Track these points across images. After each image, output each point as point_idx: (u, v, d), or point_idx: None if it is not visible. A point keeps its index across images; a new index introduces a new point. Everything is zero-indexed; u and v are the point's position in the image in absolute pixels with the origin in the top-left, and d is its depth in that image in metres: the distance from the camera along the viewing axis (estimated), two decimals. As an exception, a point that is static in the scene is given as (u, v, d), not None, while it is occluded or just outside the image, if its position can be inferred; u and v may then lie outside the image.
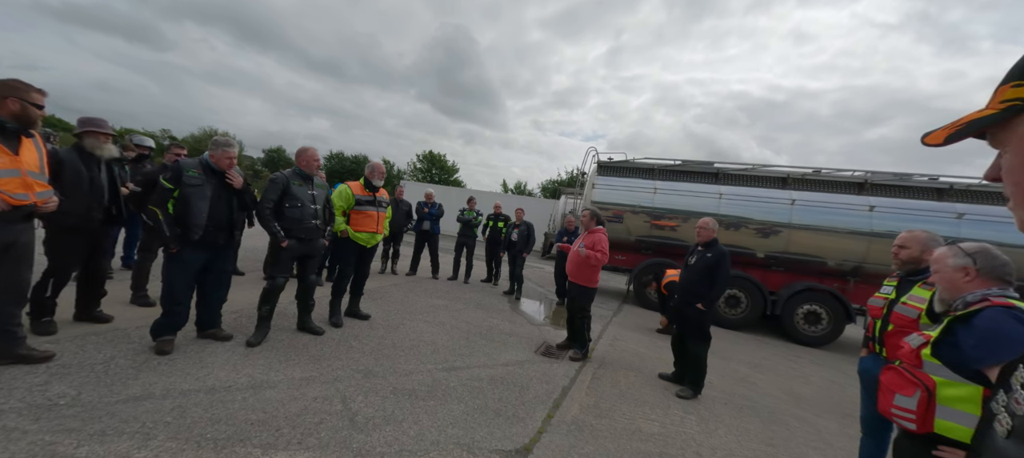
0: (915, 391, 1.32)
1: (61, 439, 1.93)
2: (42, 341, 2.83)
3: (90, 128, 3.16)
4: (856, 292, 7.10)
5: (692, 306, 3.76)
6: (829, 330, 6.96)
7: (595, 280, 4.28)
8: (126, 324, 3.39)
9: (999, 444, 0.41)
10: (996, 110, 0.44)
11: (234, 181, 3.16)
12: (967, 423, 1.23)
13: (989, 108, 0.46)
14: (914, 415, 1.31)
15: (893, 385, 1.42)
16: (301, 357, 3.26)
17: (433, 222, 7.63)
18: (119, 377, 2.56)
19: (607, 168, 8.90)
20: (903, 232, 2.40)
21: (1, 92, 2.29)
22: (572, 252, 4.33)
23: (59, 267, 3.09)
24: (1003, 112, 0.43)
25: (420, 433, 2.42)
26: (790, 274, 7.51)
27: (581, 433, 2.73)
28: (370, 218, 4.23)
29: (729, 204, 7.69)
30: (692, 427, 3.11)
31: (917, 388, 1.32)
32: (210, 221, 3.06)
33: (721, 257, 3.71)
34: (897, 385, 1.40)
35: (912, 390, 1.33)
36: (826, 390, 4.68)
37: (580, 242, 4.30)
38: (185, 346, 3.11)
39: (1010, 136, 0.44)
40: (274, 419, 2.33)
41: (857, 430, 2.53)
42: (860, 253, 7.04)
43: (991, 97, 0.46)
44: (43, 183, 2.50)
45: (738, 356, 5.53)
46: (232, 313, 3.84)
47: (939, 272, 1.48)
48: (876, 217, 6.95)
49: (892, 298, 2.29)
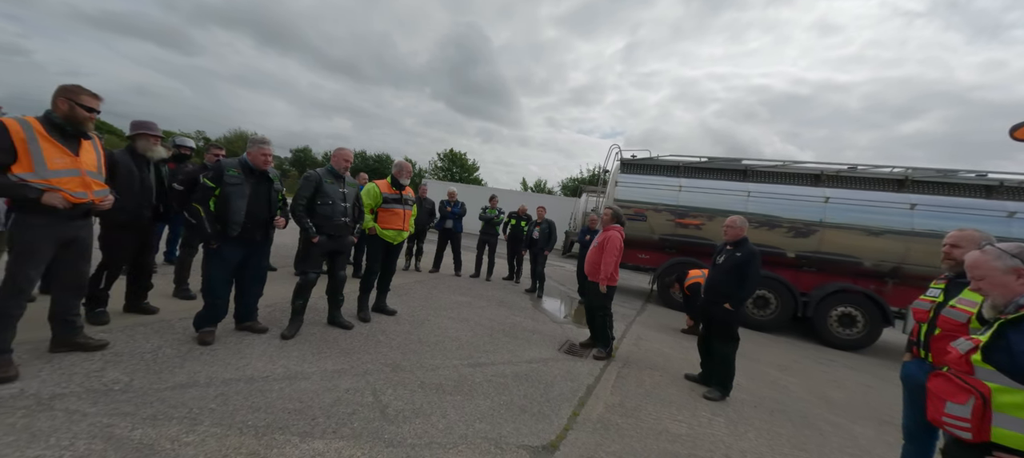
0: (968, 399, 1.26)
1: (117, 422, 2.07)
2: (97, 330, 3.02)
3: (142, 131, 3.35)
4: (894, 294, 6.78)
5: (719, 306, 3.69)
6: (865, 333, 6.67)
7: (604, 278, 4.14)
8: (170, 316, 3.58)
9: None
10: None
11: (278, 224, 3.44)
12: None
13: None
14: (969, 424, 1.25)
15: (943, 392, 1.36)
16: (332, 350, 3.36)
17: (456, 220, 7.72)
18: (166, 365, 2.71)
19: (630, 166, 8.79)
20: (953, 231, 2.28)
21: (56, 94, 2.45)
22: (590, 251, 4.31)
23: (112, 261, 3.30)
24: None
25: (448, 426, 2.46)
26: (823, 275, 7.24)
27: (607, 431, 2.73)
28: (397, 216, 4.32)
29: (758, 202, 7.47)
30: (720, 429, 3.05)
31: (970, 395, 1.26)
32: (248, 218, 3.19)
33: (751, 256, 3.61)
34: (948, 392, 1.34)
35: (965, 397, 1.27)
36: (861, 395, 4.50)
37: (596, 239, 4.32)
38: (225, 337, 3.27)
39: None
40: (310, 409, 2.43)
41: (895, 437, 2.43)
42: (899, 253, 6.71)
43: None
44: (100, 182, 2.67)
45: (767, 358, 5.38)
46: (266, 307, 4.00)
47: (986, 277, 1.41)
48: (918, 216, 6.62)
49: (940, 301, 2.18)
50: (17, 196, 2.28)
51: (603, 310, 4.26)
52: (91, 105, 2.51)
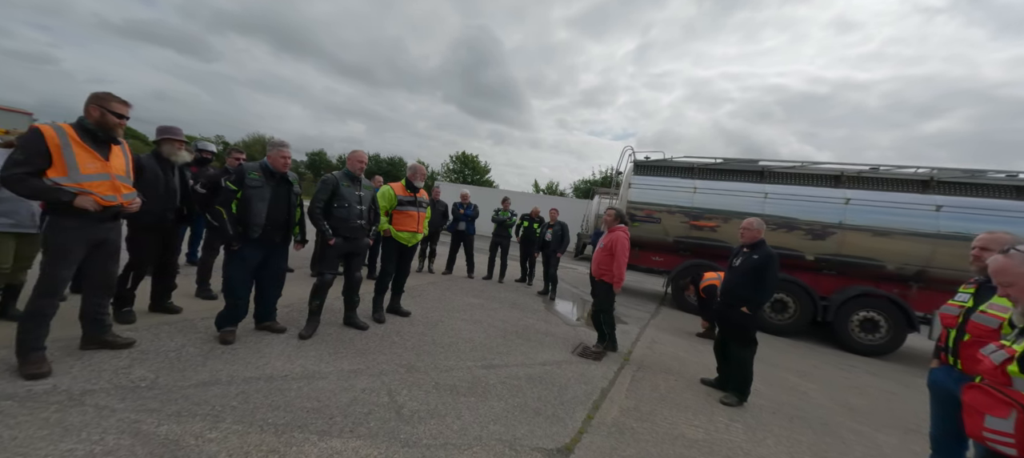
0: (1010, 412, 1.20)
1: (144, 418, 2.13)
2: (124, 329, 3.12)
3: (167, 136, 3.46)
4: (919, 298, 6.57)
5: (736, 309, 3.63)
6: (888, 339, 6.47)
7: (612, 277, 4.27)
8: (193, 316, 3.68)
9: None
10: None
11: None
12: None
13: None
14: (1013, 439, 1.19)
15: (981, 405, 1.29)
16: (348, 350, 3.41)
17: (468, 222, 7.76)
18: (190, 364, 2.78)
19: (644, 167, 8.71)
20: (983, 233, 2.21)
21: (88, 101, 2.55)
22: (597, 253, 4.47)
23: (138, 262, 3.41)
24: None
25: (463, 428, 2.48)
26: (843, 278, 7.06)
27: (622, 436, 2.70)
28: (411, 218, 4.37)
29: (775, 204, 7.33)
30: (738, 435, 3.00)
31: (1012, 409, 1.20)
32: (268, 221, 3.27)
33: (768, 259, 3.54)
34: (987, 405, 1.27)
35: (1007, 411, 1.21)
36: (884, 402, 4.37)
37: (602, 240, 4.47)
38: (245, 337, 3.34)
39: None
40: (327, 408, 2.47)
41: (921, 446, 2.36)
42: (924, 256, 6.51)
43: None
44: (128, 186, 2.76)
45: (786, 363, 5.27)
46: (284, 307, 4.07)
47: (1015, 284, 1.33)
48: (944, 217, 6.41)
49: (969, 306, 2.11)
50: (51, 199, 2.38)
51: (607, 312, 4.40)
52: (121, 111, 2.60)
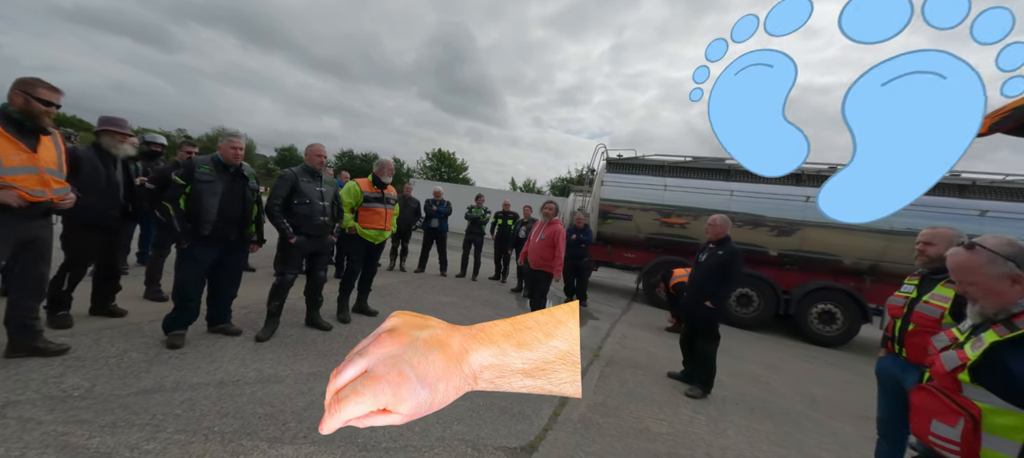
0: (958, 420, 1.18)
1: (73, 430, 1.97)
2: (58, 334, 2.89)
3: (108, 127, 3.22)
4: (872, 291, 6.91)
5: (701, 304, 3.70)
6: (844, 330, 6.79)
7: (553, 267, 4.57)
8: (140, 319, 3.45)
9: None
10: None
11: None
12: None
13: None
14: (958, 448, 1.17)
15: (929, 410, 1.27)
16: (309, 352, 3.28)
17: (441, 220, 7.65)
18: (132, 370, 2.60)
19: (616, 165, 8.81)
20: (926, 229, 2.31)
21: (12, 87, 2.33)
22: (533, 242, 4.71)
23: (75, 262, 3.16)
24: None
25: (425, 429, 2.41)
26: (805, 273, 7.35)
27: (588, 431, 2.70)
28: (378, 215, 4.24)
29: (741, 201, 7.55)
30: (701, 427, 3.06)
31: (960, 417, 1.17)
32: (221, 217, 3.09)
33: (733, 255, 3.63)
34: (934, 410, 1.25)
35: (954, 419, 1.19)
36: (841, 391, 4.57)
37: (539, 233, 4.66)
38: (196, 341, 3.16)
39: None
40: (281, 413, 2.35)
41: (873, 432, 2.45)
42: (877, 251, 6.85)
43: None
44: (60, 180, 2.55)
45: (751, 356, 5.43)
46: (242, 309, 3.89)
47: (977, 284, 1.27)
48: (895, 214, 6.74)
49: (913, 297, 2.21)
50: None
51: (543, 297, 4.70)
52: (49, 99, 2.40)
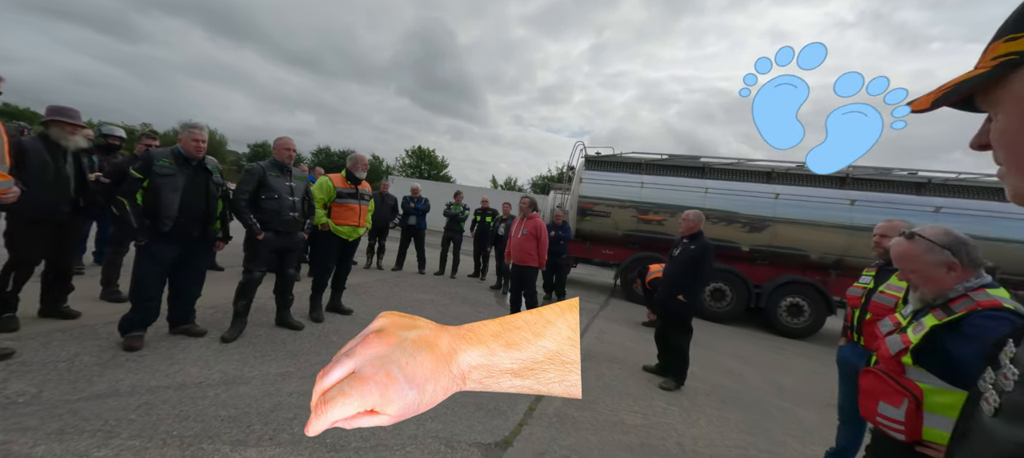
0: (902, 401, 1.23)
1: (16, 438, 1.84)
2: (3, 338, 2.71)
3: (56, 118, 3.02)
4: (837, 284, 7.21)
5: (675, 298, 3.77)
6: (811, 322, 7.07)
7: (536, 261, 4.77)
8: (94, 320, 3.27)
9: (987, 423, 0.39)
10: (987, 68, 0.41)
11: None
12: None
13: (979, 67, 0.43)
14: (903, 426, 1.23)
15: (876, 392, 1.32)
16: (278, 352, 3.18)
17: (419, 217, 7.55)
18: (83, 374, 2.46)
19: (594, 163, 8.90)
20: (882, 222, 2.42)
21: None
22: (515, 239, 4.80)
23: (21, 260, 2.96)
24: (996, 69, 0.40)
25: (397, 427, 2.37)
26: (775, 267, 7.60)
27: (563, 425, 2.71)
28: (352, 211, 4.15)
29: (715, 198, 7.75)
30: (674, 418, 3.12)
31: (904, 397, 1.23)
32: (182, 213, 2.96)
33: (705, 250, 3.71)
34: (881, 392, 1.30)
35: (899, 400, 1.24)
36: (808, 381, 4.75)
37: (522, 227, 4.74)
38: (155, 342, 3.01)
39: (1004, 95, 0.40)
40: (246, 415, 2.26)
41: (835, 417, 2.55)
42: (841, 246, 7.15)
43: (981, 56, 0.43)
44: (3, 173, 2.38)
45: (725, 349, 5.58)
46: (207, 308, 3.74)
47: (917, 271, 1.33)
48: (857, 211, 7.07)
49: (870, 287, 2.30)
50: None
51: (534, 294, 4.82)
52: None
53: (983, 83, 0.42)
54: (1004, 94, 0.40)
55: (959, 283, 1.24)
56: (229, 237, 3.45)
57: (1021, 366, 0.37)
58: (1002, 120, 0.41)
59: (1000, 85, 0.40)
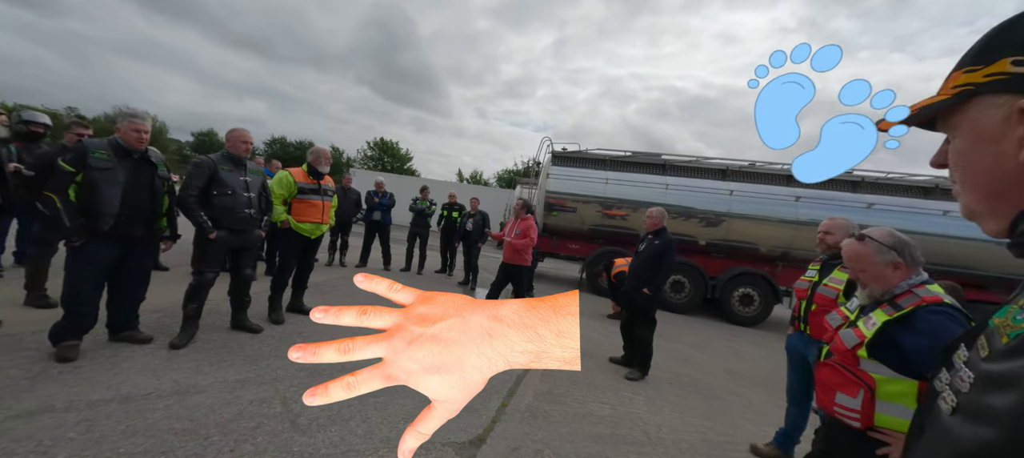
0: (858, 391, 1.33)
1: (-72, 467, 1.64)
2: (-96, 353, 2.39)
3: None
4: (783, 275, 7.76)
5: (640, 291, 3.92)
6: (760, 311, 7.57)
7: (528, 259, 5.07)
8: (19, 328, 2.95)
9: (945, 421, 0.43)
10: (948, 96, 0.46)
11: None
12: (903, 415, 1.27)
13: (941, 94, 0.47)
14: (859, 414, 1.33)
15: (834, 383, 1.41)
16: (235, 358, 3.01)
17: (384, 212, 7.36)
18: (9, 390, 2.21)
19: (561, 158, 9.01)
20: (826, 219, 2.62)
21: None
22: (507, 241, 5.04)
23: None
24: (955, 97, 0.45)
25: (368, 431, 2.32)
26: (729, 260, 8.06)
27: (535, 420, 2.76)
28: (315, 207, 3.97)
29: (675, 194, 8.08)
30: (640, 407, 3.25)
31: (860, 388, 1.33)
32: (125, 210, 2.71)
33: (667, 245, 3.88)
34: (838, 384, 1.40)
35: (855, 390, 1.34)
36: (757, 366, 5.09)
37: (514, 228, 4.90)
38: (94, 351, 2.76)
39: (961, 121, 0.45)
40: (203, 427, 2.13)
41: (783, 400, 2.76)
42: (787, 239, 7.69)
43: (943, 84, 0.48)
44: None
45: (683, 338, 5.87)
46: (153, 312, 3.47)
47: (866, 270, 1.44)
48: (801, 207, 7.62)
49: (816, 280, 2.50)
50: None
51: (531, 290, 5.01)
52: None
53: (944, 109, 0.47)
54: (961, 120, 0.45)
55: (903, 280, 1.37)
56: (177, 235, 3.21)
57: (975, 369, 0.41)
58: (958, 143, 0.46)
59: (958, 111, 0.45)
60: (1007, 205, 0.43)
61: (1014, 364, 0.36)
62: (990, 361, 0.40)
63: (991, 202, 0.45)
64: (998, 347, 0.39)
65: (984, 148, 0.43)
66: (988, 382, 0.39)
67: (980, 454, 0.36)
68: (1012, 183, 0.42)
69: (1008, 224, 0.43)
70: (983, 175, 0.44)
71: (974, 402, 0.40)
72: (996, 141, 0.42)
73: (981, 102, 0.43)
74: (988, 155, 0.43)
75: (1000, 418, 0.35)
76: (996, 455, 0.35)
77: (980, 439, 0.37)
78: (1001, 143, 0.42)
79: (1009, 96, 0.41)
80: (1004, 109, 0.41)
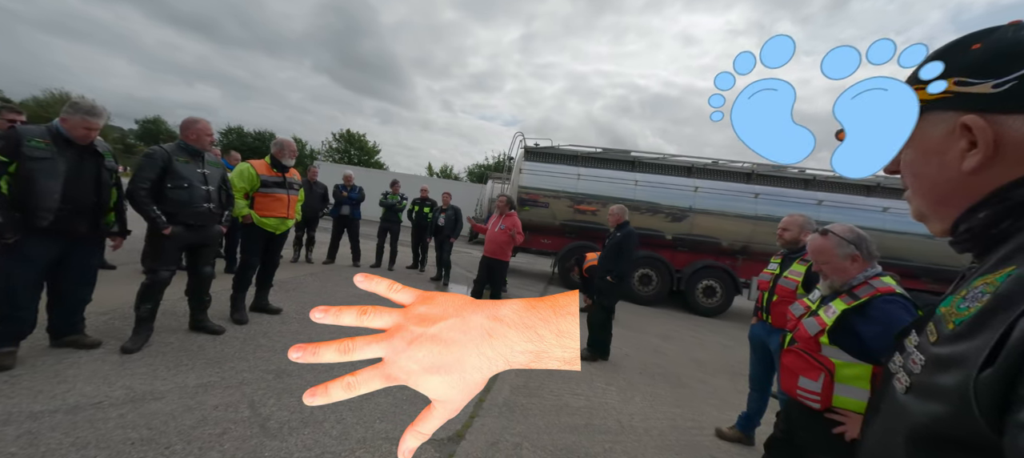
0: (819, 375, 1.44)
1: None
2: None
3: None
4: (743, 268, 8.18)
5: (604, 280, 4.13)
6: (722, 302, 7.96)
7: (509, 254, 5.24)
8: (-60, 336, 2.65)
9: (900, 399, 0.48)
10: None
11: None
12: (858, 396, 1.40)
13: None
14: (819, 397, 1.44)
15: (797, 368, 1.52)
16: (196, 361, 2.84)
17: (353, 206, 7.14)
18: (-69, 404, 2.00)
19: (534, 154, 9.06)
20: (785, 216, 2.78)
21: None
22: (492, 233, 5.05)
23: None
24: None
25: (344, 432, 2.26)
26: (693, 254, 8.40)
27: (512, 414, 2.78)
28: (279, 201, 3.80)
29: (644, 190, 8.32)
30: (613, 397, 3.35)
31: (821, 372, 1.44)
32: (66, 204, 2.49)
33: (627, 236, 4.12)
34: (800, 369, 1.51)
35: (817, 374, 1.45)
36: (720, 354, 5.36)
37: (499, 223, 4.97)
38: (33, 358, 2.53)
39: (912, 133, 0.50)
40: (163, 435, 2.01)
41: (745, 386, 2.92)
42: (747, 234, 8.11)
43: None
44: None
45: (651, 329, 6.08)
46: (100, 315, 3.22)
47: (828, 263, 1.56)
48: (760, 203, 8.04)
49: (777, 273, 2.66)
50: None
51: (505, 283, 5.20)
52: None
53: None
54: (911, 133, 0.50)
55: (860, 272, 1.49)
56: (127, 231, 2.99)
57: (925, 352, 0.46)
58: (908, 153, 0.51)
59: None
60: (951, 209, 0.49)
61: (959, 347, 0.40)
62: (938, 345, 0.44)
63: (937, 206, 0.51)
64: (945, 332, 0.44)
65: (932, 159, 0.49)
66: (937, 364, 0.43)
67: (932, 427, 0.41)
68: (955, 191, 0.48)
69: (950, 225, 0.50)
70: (930, 183, 0.50)
71: (925, 382, 0.44)
72: (942, 153, 0.48)
73: (930, 117, 0.47)
74: (935, 165, 0.49)
75: (948, 395, 0.39)
76: (945, 426, 0.39)
77: (931, 413, 0.41)
78: (946, 155, 0.47)
79: (953, 113, 0.46)
80: (948, 124, 0.46)
